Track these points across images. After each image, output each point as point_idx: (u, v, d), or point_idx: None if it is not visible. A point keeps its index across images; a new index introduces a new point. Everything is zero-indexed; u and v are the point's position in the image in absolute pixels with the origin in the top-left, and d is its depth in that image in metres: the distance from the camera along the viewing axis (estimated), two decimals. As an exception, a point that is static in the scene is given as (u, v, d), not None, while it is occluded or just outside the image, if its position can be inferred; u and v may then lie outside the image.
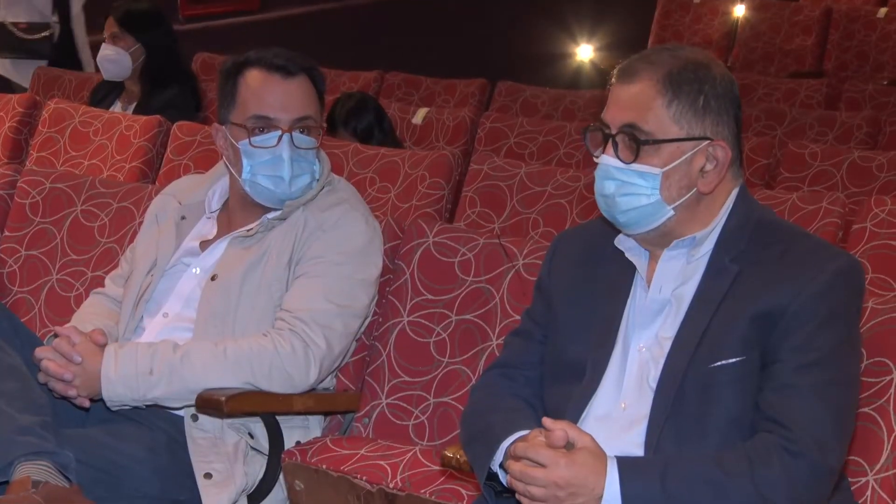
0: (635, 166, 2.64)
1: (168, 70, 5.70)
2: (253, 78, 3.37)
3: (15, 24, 6.87)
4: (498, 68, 7.69)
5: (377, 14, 9.63)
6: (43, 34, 6.95)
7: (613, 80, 2.71)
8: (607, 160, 2.66)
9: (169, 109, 5.26)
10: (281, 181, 3.30)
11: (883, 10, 8.67)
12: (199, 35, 7.26)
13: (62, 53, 7.01)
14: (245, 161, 3.32)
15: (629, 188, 2.65)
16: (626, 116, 2.65)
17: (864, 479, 2.75)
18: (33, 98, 5.44)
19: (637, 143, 2.62)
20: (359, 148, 4.75)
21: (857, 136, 5.84)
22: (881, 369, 2.78)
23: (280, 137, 3.29)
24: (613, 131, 2.66)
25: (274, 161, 3.29)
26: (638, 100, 2.64)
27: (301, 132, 3.32)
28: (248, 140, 3.31)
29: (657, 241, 2.72)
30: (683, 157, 2.64)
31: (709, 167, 2.65)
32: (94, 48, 6.85)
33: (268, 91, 3.35)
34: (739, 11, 8.94)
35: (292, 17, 9.06)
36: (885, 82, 7.62)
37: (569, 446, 2.49)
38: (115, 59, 5.65)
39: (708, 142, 2.64)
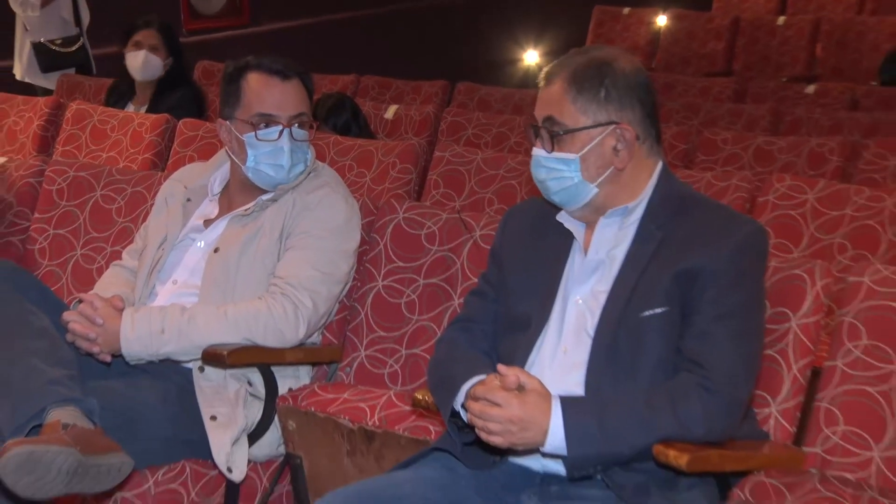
0: (556, 154, 2.68)
1: (175, 76, 5.68)
2: (255, 80, 3.36)
3: (51, 42, 6.81)
4: (457, 71, 7.68)
5: (352, 27, 9.61)
6: (76, 46, 6.90)
7: (540, 82, 2.76)
8: (536, 151, 2.72)
9: (175, 109, 5.24)
10: (281, 169, 3.31)
11: (782, 19, 8.73)
12: (199, 46, 7.24)
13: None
14: (250, 152, 3.32)
15: (555, 173, 2.69)
16: (545, 113, 2.71)
17: (768, 410, 2.77)
18: (58, 100, 5.41)
19: (552, 135, 2.68)
20: (338, 140, 4.75)
21: (761, 124, 5.86)
22: (782, 318, 2.80)
23: (281, 132, 3.30)
24: (539, 123, 2.71)
25: (275, 152, 3.30)
26: (553, 98, 2.70)
27: (298, 127, 3.33)
28: (253, 134, 3.30)
29: (593, 213, 2.73)
30: (594, 142, 2.67)
31: (619, 147, 2.68)
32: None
33: (269, 92, 3.35)
34: (661, 21, 8.96)
35: (278, 29, 9.05)
36: (784, 79, 7.66)
37: (520, 388, 2.50)
38: (155, 64, 5.61)
39: (614, 125, 2.67)
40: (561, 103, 2.67)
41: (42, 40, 6.80)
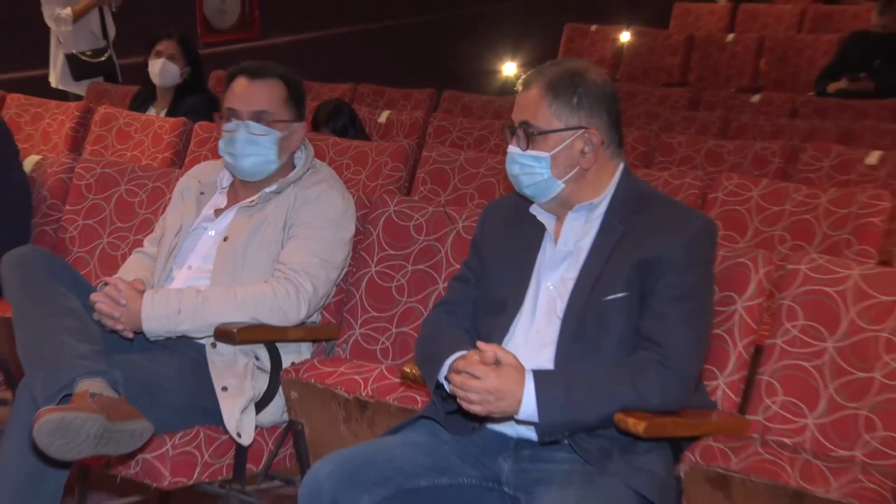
0: (530, 152, 2.68)
1: (192, 84, 5.67)
2: (234, 80, 3.37)
3: (82, 53, 6.78)
4: (443, 81, 7.66)
5: (350, 40, 9.60)
6: (104, 57, 6.87)
7: (518, 88, 2.76)
8: (512, 149, 2.72)
9: (192, 113, 5.22)
10: (233, 157, 3.29)
11: (731, 36, 8.74)
12: (214, 57, 7.22)
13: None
14: (221, 142, 3.33)
15: (528, 169, 2.69)
16: (522, 115, 2.71)
17: (716, 383, 2.78)
18: (87, 105, 5.40)
19: (528, 135, 2.68)
20: (337, 141, 4.74)
21: (712, 130, 5.87)
22: (729, 301, 2.81)
23: (237, 125, 3.28)
24: (516, 126, 2.71)
25: (231, 142, 3.28)
26: (530, 102, 2.70)
27: (258, 122, 3.28)
28: (223, 126, 3.32)
29: (560, 207, 2.73)
30: (565, 143, 2.67)
31: (586, 149, 2.68)
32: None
33: (236, 89, 3.34)
34: (625, 38, 8.96)
35: (285, 42, 9.05)
36: (733, 90, 7.65)
37: (497, 363, 2.50)
38: (173, 72, 5.59)
39: (583, 130, 2.68)
40: (537, 107, 2.67)
41: (74, 52, 6.77)
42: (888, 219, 3.82)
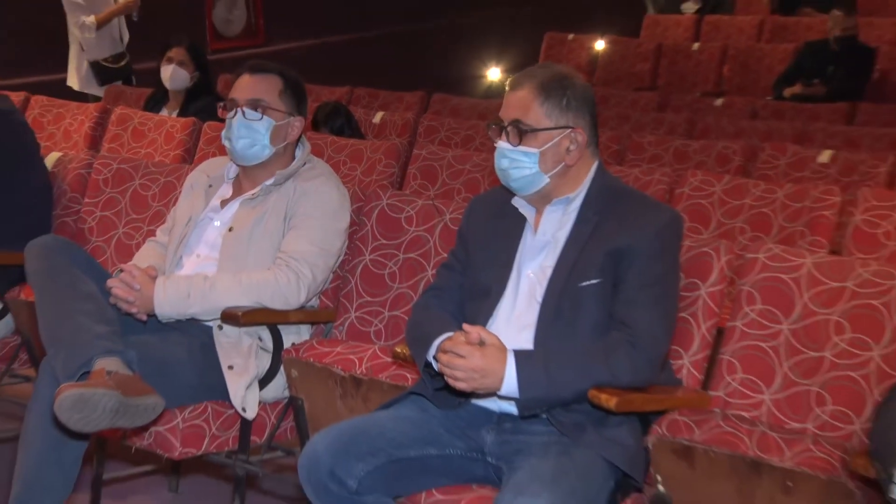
0: (520, 148, 2.67)
1: (202, 87, 5.65)
2: (238, 78, 3.37)
3: (105, 60, 6.76)
4: (433, 85, 7.64)
5: (348, 47, 9.59)
6: (124, 62, 6.84)
7: (507, 88, 2.75)
8: (502, 144, 2.70)
9: (201, 114, 5.20)
10: (230, 141, 3.28)
11: (696, 45, 8.75)
12: (222, 62, 7.20)
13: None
14: (223, 131, 3.32)
15: (517, 163, 2.68)
16: (514, 114, 2.69)
17: (681, 362, 2.78)
18: (105, 106, 5.38)
19: (520, 132, 2.66)
20: (334, 140, 4.72)
21: (679, 130, 5.88)
22: (694, 287, 2.81)
23: (235, 112, 3.27)
24: (506, 124, 2.69)
25: (229, 127, 3.28)
26: (522, 102, 2.68)
27: (253, 109, 3.27)
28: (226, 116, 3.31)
29: (541, 200, 2.74)
30: (553, 141, 2.67)
31: (572, 147, 2.69)
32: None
33: (238, 83, 3.34)
34: (599, 46, 8.96)
35: (287, 49, 9.05)
36: (698, 94, 7.67)
37: (481, 343, 2.51)
38: (183, 77, 5.58)
39: (570, 129, 2.68)
40: (529, 106, 2.67)
41: (98, 60, 6.75)
42: (838, 212, 3.83)
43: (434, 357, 2.59)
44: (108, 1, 6.69)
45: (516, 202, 2.78)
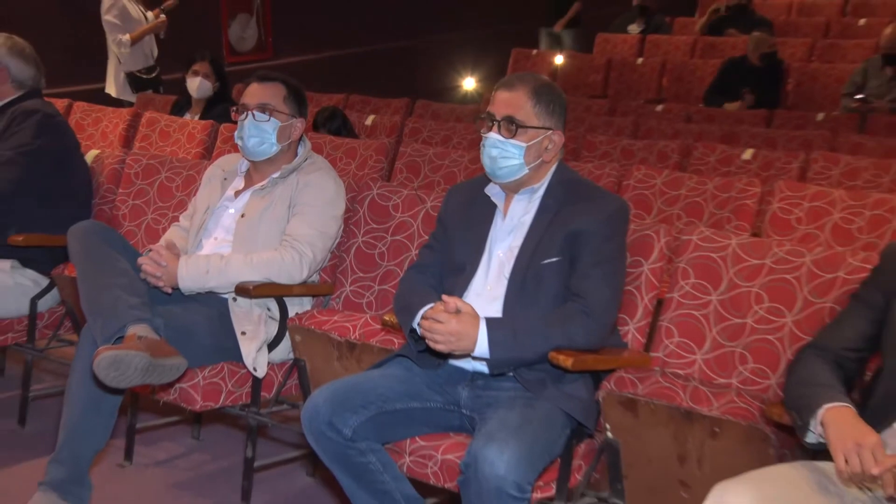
0: (511, 141, 2.66)
1: (220, 94, 5.61)
2: (248, 85, 3.34)
3: (138, 71, 6.70)
4: (418, 92, 7.61)
5: (344, 60, 9.54)
6: (154, 73, 6.78)
7: (498, 88, 2.71)
8: (494, 136, 2.67)
9: (219, 118, 5.16)
10: (242, 139, 3.26)
11: (640, 60, 8.73)
12: (236, 73, 7.09)
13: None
14: (235, 131, 3.29)
15: (506, 153, 2.67)
16: (507, 110, 2.67)
17: (627, 328, 2.78)
18: (136, 111, 5.34)
19: (515, 127, 2.65)
20: (332, 139, 4.69)
21: (626, 132, 5.86)
22: (638, 264, 2.81)
23: (245, 115, 3.24)
24: (498, 118, 2.67)
25: (241, 128, 3.25)
26: (516, 101, 2.67)
27: (261, 112, 3.24)
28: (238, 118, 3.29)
29: (514, 188, 2.73)
30: (538, 139, 2.66)
31: (550, 146, 2.69)
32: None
33: (248, 90, 3.32)
34: (559, 60, 8.92)
35: (292, 62, 9.00)
36: (642, 101, 7.65)
37: (457, 312, 2.50)
38: (206, 87, 5.54)
39: (552, 131, 2.68)
40: (523, 106, 2.65)
41: (132, 71, 6.70)
42: (758, 201, 3.84)
43: (418, 324, 2.58)
44: (141, 21, 6.63)
45: (488, 191, 2.76)
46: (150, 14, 6.72)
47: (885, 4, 9.42)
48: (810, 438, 2.10)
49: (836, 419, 2.04)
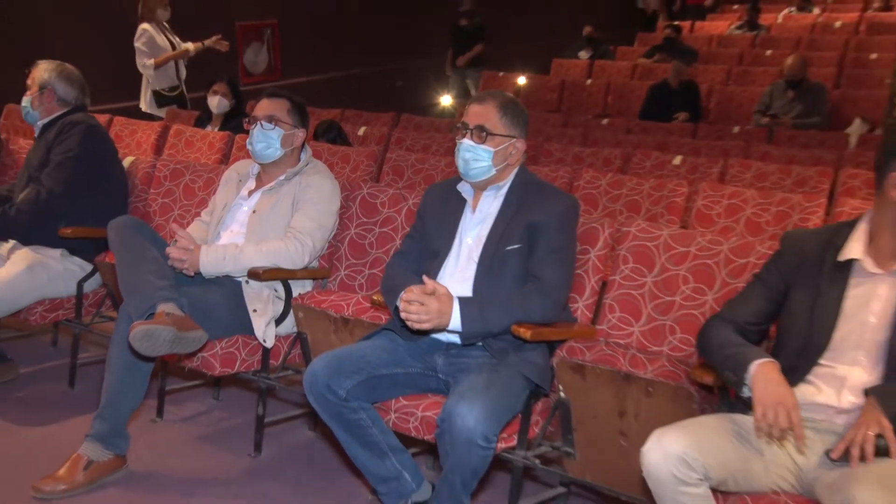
0: (482, 146, 2.64)
1: (236, 110, 5.56)
2: (258, 102, 3.29)
3: (163, 90, 6.62)
4: (402, 108, 7.55)
5: (342, 81, 9.50)
6: (177, 92, 6.69)
7: (471, 102, 2.69)
8: (467, 142, 2.65)
9: (235, 130, 5.11)
10: (252, 145, 3.21)
11: (589, 81, 8.71)
12: (250, 92, 7.01)
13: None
14: (248, 139, 3.24)
15: (477, 156, 2.65)
16: (478, 120, 2.65)
17: (577, 305, 2.77)
18: (166, 124, 5.26)
19: (485, 134, 2.63)
20: (330, 147, 4.64)
21: (577, 141, 5.86)
22: (586, 251, 2.80)
23: (256, 124, 3.20)
24: (471, 127, 2.65)
25: (251, 136, 3.21)
26: (486, 113, 2.65)
27: (268, 122, 3.20)
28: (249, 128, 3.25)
29: (482, 186, 2.70)
30: (504, 145, 2.65)
31: (513, 152, 2.67)
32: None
33: (258, 104, 3.27)
34: (521, 81, 8.89)
35: (297, 82, 8.97)
36: (591, 116, 7.63)
37: (433, 292, 2.47)
38: (224, 104, 5.48)
39: (516, 139, 2.66)
40: (492, 117, 2.64)
41: (158, 89, 6.61)
42: (685, 199, 3.84)
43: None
44: (167, 49, 6.55)
45: (460, 188, 2.74)
46: (179, 42, 6.63)
47: (786, 39, 9.55)
48: (746, 392, 2.09)
49: (763, 374, 2.05)
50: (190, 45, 6.57)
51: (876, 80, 7.71)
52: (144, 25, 6.47)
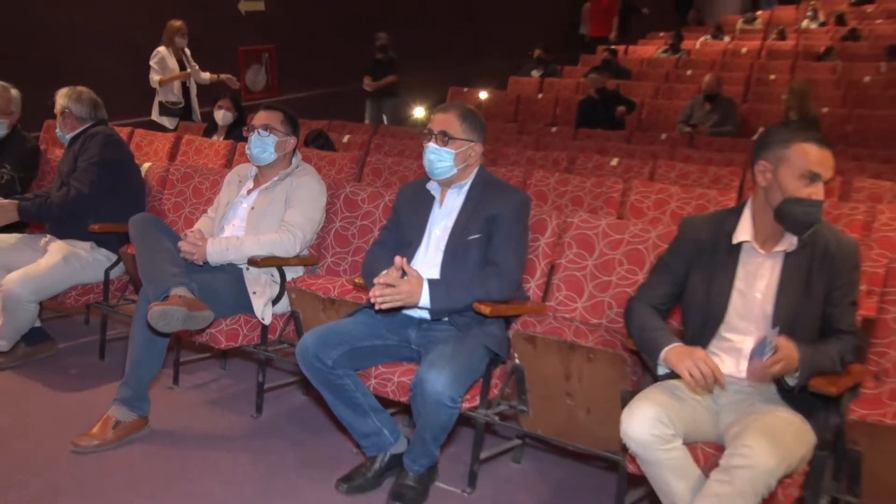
0: (444, 148, 2.59)
1: (238, 123, 5.47)
2: (257, 113, 3.23)
3: (167, 102, 6.50)
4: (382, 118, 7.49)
5: (330, 97, 9.40)
6: (179, 106, 6.56)
7: (436, 111, 2.65)
8: (432, 145, 2.60)
9: (237, 139, 5.03)
10: (250, 150, 3.16)
11: (540, 95, 8.68)
12: (251, 107, 6.93)
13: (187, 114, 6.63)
14: (247, 145, 3.19)
15: (441, 158, 2.60)
16: (442, 126, 2.60)
17: (529, 285, 2.76)
18: (178, 134, 5.17)
19: (447, 138, 2.59)
20: (318, 153, 4.57)
21: (530, 146, 5.83)
22: (536, 239, 2.78)
23: (253, 132, 3.15)
24: (436, 132, 2.60)
25: (249, 142, 3.15)
26: (448, 120, 2.60)
27: (264, 130, 3.14)
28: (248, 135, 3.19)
29: (447, 184, 2.66)
30: (464, 148, 2.61)
31: (472, 154, 2.63)
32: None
33: (256, 116, 3.21)
34: (483, 95, 8.83)
35: (292, 97, 8.90)
36: (542, 125, 7.60)
37: (405, 275, 2.44)
38: (228, 117, 5.39)
39: (475, 143, 2.62)
40: (453, 124, 2.59)
41: (163, 101, 6.51)
42: (621, 194, 3.83)
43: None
44: (175, 69, 6.46)
45: (429, 186, 2.70)
46: (197, 68, 6.52)
47: (703, 61, 9.65)
48: (661, 371, 2.11)
49: (673, 355, 2.06)
50: (207, 75, 6.54)
51: (775, 96, 7.86)
52: (160, 49, 6.45)
